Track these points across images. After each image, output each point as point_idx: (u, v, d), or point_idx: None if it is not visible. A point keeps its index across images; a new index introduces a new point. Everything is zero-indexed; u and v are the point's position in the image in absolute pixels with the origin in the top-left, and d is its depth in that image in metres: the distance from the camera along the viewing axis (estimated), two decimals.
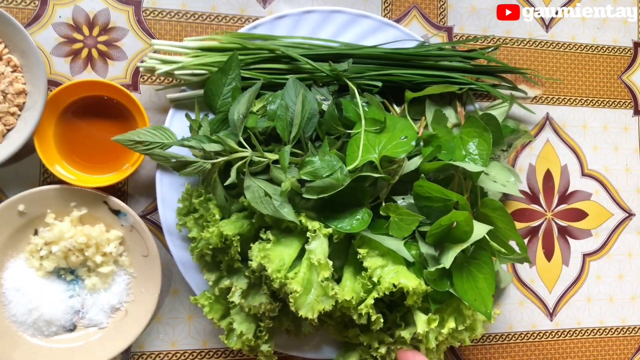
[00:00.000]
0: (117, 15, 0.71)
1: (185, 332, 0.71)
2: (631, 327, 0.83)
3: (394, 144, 0.59)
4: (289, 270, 0.58)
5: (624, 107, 0.86)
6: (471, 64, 0.74)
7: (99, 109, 0.67)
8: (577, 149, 0.84)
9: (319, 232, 0.58)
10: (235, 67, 0.63)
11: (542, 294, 0.81)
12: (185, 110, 0.67)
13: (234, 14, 0.74)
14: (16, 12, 0.69)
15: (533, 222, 0.81)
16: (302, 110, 0.58)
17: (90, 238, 0.65)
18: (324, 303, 0.56)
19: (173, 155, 0.58)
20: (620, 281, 0.84)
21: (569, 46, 0.84)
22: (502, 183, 0.64)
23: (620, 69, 0.86)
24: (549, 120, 0.83)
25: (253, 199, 0.56)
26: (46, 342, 0.66)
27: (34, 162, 0.68)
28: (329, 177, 0.56)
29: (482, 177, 0.64)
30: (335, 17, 0.72)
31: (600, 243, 0.84)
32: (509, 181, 0.64)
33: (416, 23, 0.79)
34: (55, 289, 0.66)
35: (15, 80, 0.63)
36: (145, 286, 0.67)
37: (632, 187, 0.85)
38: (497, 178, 0.65)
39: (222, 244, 0.60)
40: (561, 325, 0.81)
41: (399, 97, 0.71)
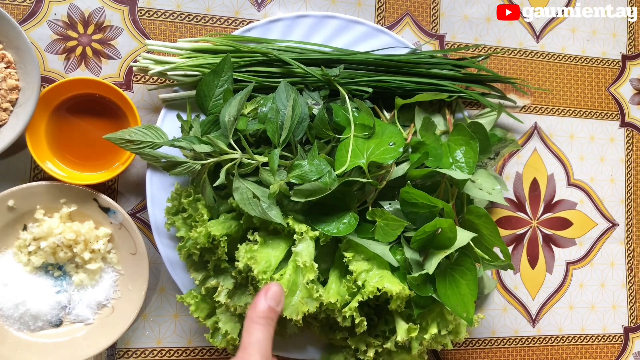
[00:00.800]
0: (112, 14, 0.72)
1: (171, 330, 0.72)
2: (611, 335, 0.85)
3: (382, 150, 0.60)
4: (275, 271, 0.58)
5: (611, 118, 0.87)
6: (461, 72, 0.75)
7: (91, 107, 0.68)
8: (563, 159, 0.85)
9: (306, 234, 0.59)
10: (227, 69, 0.63)
11: (525, 301, 0.82)
12: (176, 111, 0.67)
13: (228, 16, 0.75)
14: (11, 8, 0.69)
15: (518, 229, 0.83)
16: (292, 114, 0.59)
17: (79, 235, 0.65)
18: (308, 305, 0.57)
19: (163, 155, 0.59)
20: (602, 290, 0.85)
21: (558, 57, 0.86)
22: (487, 191, 0.65)
23: (609, 80, 0.88)
24: (537, 130, 0.84)
25: (241, 201, 0.57)
26: (32, 336, 0.66)
27: (24, 158, 0.69)
28: (317, 180, 0.57)
29: (468, 184, 0.65)
30: (329, 22, 0.73)
31: (584, 252, 0.85)
32: (495, 189, 0.65)
33: (409, 30, 0.80)
34: (42, 284, 0.67)
35: (8, 76, 0.64)
36: (132, 284, 0.68)
37: (617, 197, 0.87)
38: (483, 186, 0.66)
39: (209, 244, 0.60)
40: (543, 332, 0.83)
41: (390, 103, 0.71)
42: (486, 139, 0.66)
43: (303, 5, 0.77)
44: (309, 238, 0.59)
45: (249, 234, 0.60)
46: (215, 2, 0.74)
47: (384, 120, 0.70)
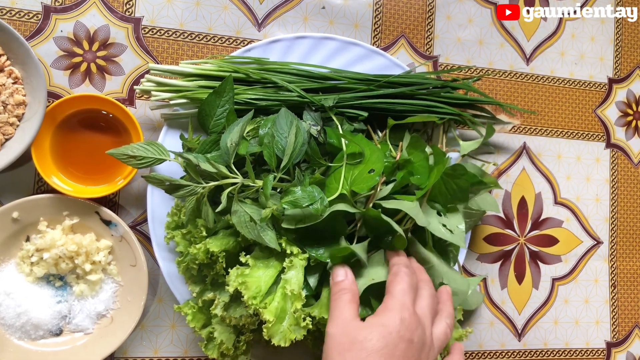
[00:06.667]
0: (117, 32, 0.74)
1: (168, 340, 0.74)
2: (594, 350, 0.88)
3: (362, 178, 0.61)
4: (266, 295, 0.59)
5: (597, 139, 0.90)
6: (453, 94, 0.77)
7: (95, 122, 0.70)
8: (551, 178, 0.88)
9: (296, 260, 0.60)
10: (229, 90, 0.65)
11: (511, 315, 0.85)
12: (177, 128, 0.70)
13: (229, 35, 0.77)
14: (19, 24, 0.71)
15: (506, 246, 0.85)
16: (294, 142, 0.61)
17: (80, 246, 0.67)
18: (295, 333, 0.58)
19: (167, 179, 0.61)
20: (586, 305, 0.88)
21: (547, 79, 0.89)
22: (451, 228, 0.65)
23: (595, 103, 0.91)
24: (526, 150, 0.87)
25: (239, 223, 0.59)
26: (33, 345, 0.68)
27: (29, 171, 0.70)
28: (309, 207, 0.59)
29: (432, 219, 0.66)
30: (327, 43, 0.75)
31: (569, 269, 0.88)
32: (458, 227, 0.66)
33: (404, 52, 0.83)
34: (44, 294, 0.68)
35: (16, 92, 0.66)
36: (131, 295, 0.70)
37: (602, 216, 0.90)
38: (448, 222, 0.66)
39: (208, 260, 0.62)
40: (529, 346, 0.85)
41: (384, 122, 0.74)
42: (464, 191, 0.67)
43: (302, 26, 0.79)
44: (299, 265, 0.60)
45: (241, 256, 0.62)
46: (217, 21, 0.77)
47: (376, 141, 0.72)
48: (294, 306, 0.58)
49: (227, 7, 0.77)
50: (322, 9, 0.80)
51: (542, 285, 0.86)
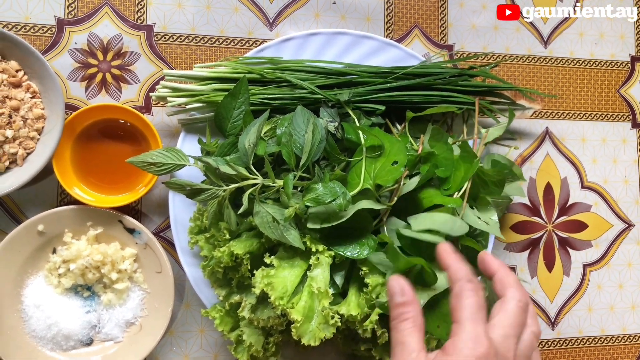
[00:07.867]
0: (130, 40, 0.74)
1: (197, 345, 0.74)
2: (632, 336, 0.85)
3: (385, 171, 0.60)
4: (292, 295, 0.59)
5: (622, 120, 0.88)
6: (471, 82, 0.76)
7: (113, 132, 0.70)
8: (576, 162, 0.86)
9: (322, 256, 0.59)
10: (244, 91, 0.65)
11: (543, 304, 0.83)
12: (195, 133, 0.70)
13: (242, 36, 0.77)
14: (34, 39, 0.72)
15: (534, 234, 0.83)
16: (312, 139, 0.60)
17: (106, 256, 0.68)
18: (325, 331, 0.57)
19: (188, 183, 0.61)
20: (620, 290, 0.86)
21: (567, 61, 0.87)
22: (485, 220, 0.64)
23: (618, 82, 0.88)
24: (549, 134, 0.85)
25: (261, 224, 0.58)
26: (64, 356, 0.69)
27: (51, 184, 0.71)
28: (332, 202, 0.58)
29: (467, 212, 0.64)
30: (339, 38, 0.75)
31: (601, 253, 0.86)
32: (492, 219, 0.65)
33: (418, 42, 0.82)
34: (72, 305, 0.69)
35: (34, 106, 0.66)
36: (158, 301, 0.70)
37: (631, 198, 0.87)
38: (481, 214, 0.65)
39: (232, 263, 0.62)
40: (563, 334, 0.83)
41: (402, 115, 0.73)
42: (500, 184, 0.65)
43: (314, 23, 0.79)
44: (325, 262, 0.59)
45: (266, 257, 0.61)
46: (228, 23, 0.77)
47: (395, 133, 0.71)
48: (321, 304, 0.58)
49: (237, 8, 0.77)
50: (333, 4, 0.80)
51: (574, 272, 0.84)
